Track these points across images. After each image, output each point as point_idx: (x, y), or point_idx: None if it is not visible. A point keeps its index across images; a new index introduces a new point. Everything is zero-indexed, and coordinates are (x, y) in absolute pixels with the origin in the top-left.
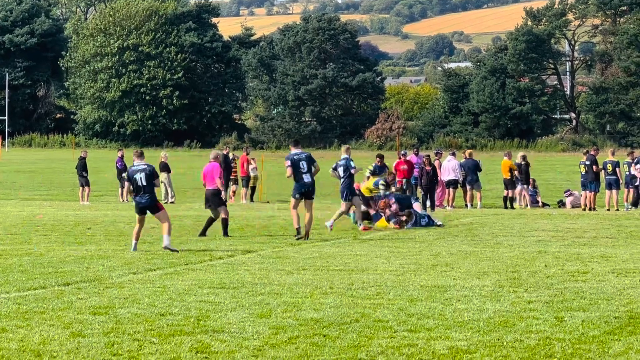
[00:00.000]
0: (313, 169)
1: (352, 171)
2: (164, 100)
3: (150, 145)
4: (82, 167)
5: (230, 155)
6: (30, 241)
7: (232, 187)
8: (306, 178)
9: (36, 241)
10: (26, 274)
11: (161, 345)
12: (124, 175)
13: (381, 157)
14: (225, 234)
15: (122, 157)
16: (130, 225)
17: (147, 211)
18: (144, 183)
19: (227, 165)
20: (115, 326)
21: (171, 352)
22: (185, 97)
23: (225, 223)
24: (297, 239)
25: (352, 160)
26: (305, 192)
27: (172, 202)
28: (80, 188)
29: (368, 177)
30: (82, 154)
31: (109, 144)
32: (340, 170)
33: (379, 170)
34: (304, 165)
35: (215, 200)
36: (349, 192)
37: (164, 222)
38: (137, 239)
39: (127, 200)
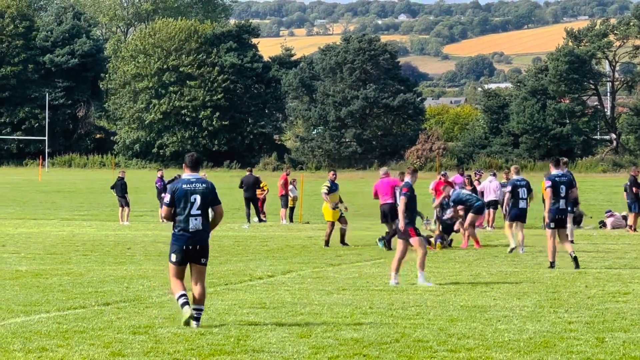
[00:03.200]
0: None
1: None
2: (204, 121)
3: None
4: (121, 187)
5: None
6: (70, 261)
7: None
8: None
9: (76, 261)
10: (66, 294)
11: None
12: (163, 195)
13: (334, 172)
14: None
15: (161, 177)
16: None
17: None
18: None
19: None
20: (155, 345)
21: None
22: (226, 118)
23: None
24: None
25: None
26: None
27: None
28: (120, 208)
29: (327, 194)
30: (120, 174)
31: (149, 165)
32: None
33: (334, 186)
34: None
35: (393, 215)
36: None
37: None
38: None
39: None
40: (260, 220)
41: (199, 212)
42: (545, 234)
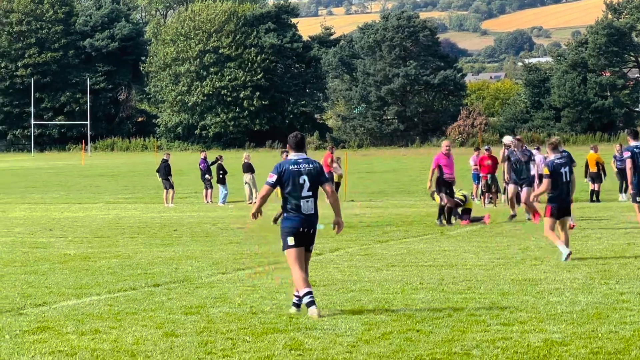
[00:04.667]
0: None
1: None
2: (245, 101)
3: (232, 147)
4: (165, 169)
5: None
6: (118, 244)
7: None
8: None
9: (123, 244)
10: (116, 276)
11: (255, 343)
12: (207, 176)
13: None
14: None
15: (204, 158)
16: (216, 227)
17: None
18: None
19: None
20: (207, 325)
21: (265, 350)
22: (266, 98)
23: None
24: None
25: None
26: None
27: (253, 202)
28: (165, 191)
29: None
30: (165, 156)
31: (191, 147)
32: None
33: None
34: None
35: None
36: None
37: None
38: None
39: (211, 201)
40: None
41: (309, 193)
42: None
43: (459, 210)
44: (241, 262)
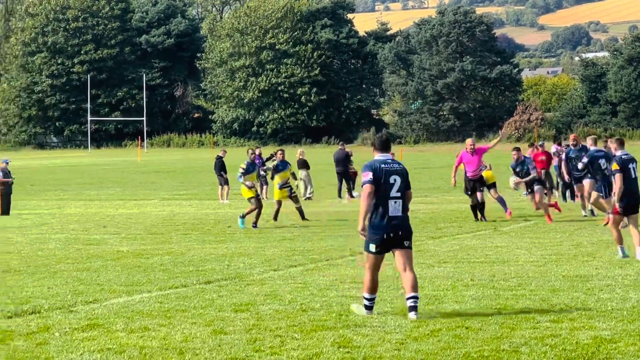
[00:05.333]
0: None
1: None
2: (302, 97)
3: (289, 143)
4: (220, 166)
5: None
6: (171, 240)
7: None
8: None
9: (177, 240)
10: (167, 273)
11: (303, 340)
12: (262, 172)
13: (282, 151)
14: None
15: (259, 154)
16: (270, 223)
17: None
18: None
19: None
20: (257, 323)
21: (313, 347)
22: (323, 94)
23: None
24: None
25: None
26: None
27: (308, 198)
28: (220, 187)
29: (272, 177)
30: (221, 153)
31: (247, 143)
32: None
33: (282, 165)
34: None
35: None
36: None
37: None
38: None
39: (266, 198)
40: (352, 195)
41: (398, 194)
42: None
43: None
44: (293, 258)
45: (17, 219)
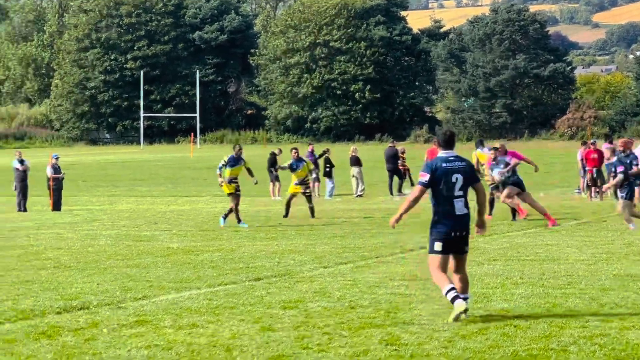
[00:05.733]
0: None
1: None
2: (355, 94)
3: (342, 140)
4: (272, 162)
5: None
6: (222, 237)
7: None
8: None
9: (227, 237)
10: (217, 270)
11: (351, 338)
12: (314, 169)
13: (296, 150)
14: None
15: (312, 151)
16: (321, 220)
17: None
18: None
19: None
20: (305, 320)
21: (361, 345)
22: (377, 91)
23: None
24: None
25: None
26: None
27: (359, 195)
28: (271, 184)
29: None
30: (276, 151)
31: (300, 140)
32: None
33: (296, 164)
34: None
35: None
36: None
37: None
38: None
39: (318, 195)
40: (402, 192)
41: (461, 192)
42: None
43: None
44: (344, 256)
45: (69, 215)
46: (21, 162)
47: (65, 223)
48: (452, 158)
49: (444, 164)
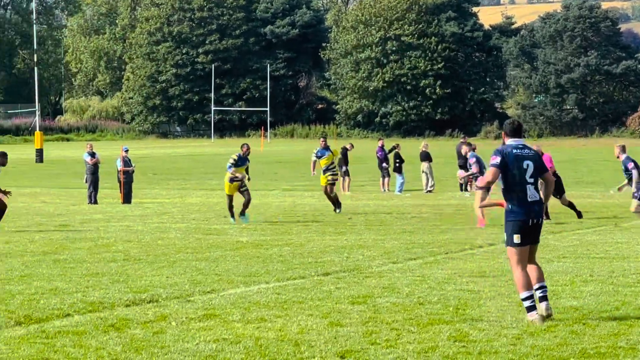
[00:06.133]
0: None
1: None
2: (426, 90)
3: (412, 135)
4: (343, 157)
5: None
6: (291, 231)
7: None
8: None
9: (296, 231)
10: (286, 264)
11: (419, 334)
12: (384, 164)
13: (325, 138)
14: None
15: (382, 146)
16: (391, 215)
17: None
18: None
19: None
20: (373, 315)
21: (429, 341)
22: (447, 87)
23: None
24: None
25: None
26: None
27: (429, 191)
28: (341, 178)
29: (314, 162)
30: (348, 146)
31: (370, 134)
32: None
33: (321, 153)
34: None
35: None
36: None
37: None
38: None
39: (387, 190)
40: (464, 189)
41: (532, 180)
42: None
43: None
44: (413, 251)
45: (139, 208)
46: (92, 154)
47: (135, 216)
48: (521, 146)
49: (514, 150)
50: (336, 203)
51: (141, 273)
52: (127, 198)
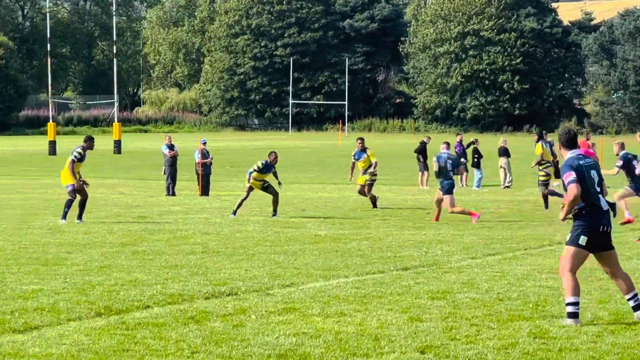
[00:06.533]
0: None
1: None
2: (504, 85)
3: (490, 130)
4: (420, 151)
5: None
6: (369, 225)
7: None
8: None
9: (375, 225)
10: (365, 258)
11: (499, 330)
12: (463, 159)
13: (362, 140)
14: None
15: (460, 141)
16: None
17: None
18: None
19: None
20: (453, 311)
21: (509, 337)
22: (526, 82)
23: None
24: None
25: None
26: None
27: (507, 187)
28: (420, 173)
29: (353, 164)
30: (425, 139)
31: (448, 129)
32: None
33: (358, 155)
34: None
35: None
36: None
37: None
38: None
39: (465, 185)
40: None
41: (599, 188)
42: None
43: None
44: (492, 247)
45: (217, 200)
46: (171, 147)
47: (214, 208)
48: (581, 156)
49: (580, 162)
50: (374, 202)
51: (220, 266)
52: (205, 190)
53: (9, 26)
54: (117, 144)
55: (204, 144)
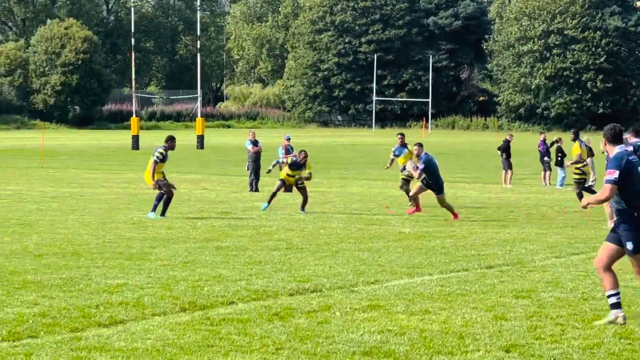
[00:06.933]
0: None
1: None
2: (587, 83)
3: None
4: (504, 149)
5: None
6: (454, 223)
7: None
8: None
9: (459, 223)
10: (449, 256)
11: (584, 330)
12: (546, 158)
13: (402, 135)
14: None
15: (544, 140)
16: (553, 209)
17: None
18: None
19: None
20: (537, 310)
21: (594, 337)
22: (609, 81)
23: None
24: None
25: None
26: None
27: (590, 186)
28: (503, 171)
29: (392, 160)
30: (508, 137)
31: (532, 127)
32: None
33: (399, 151)
34: None
35: None
36: None
37: None
38: None
39: (549, 183)
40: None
41: None
42: None
43: None
44: (576, 246)
45: (300, 196)
46: (255, 143)
47: (297, 204)
48: (628, 152)
49: (629, 157)
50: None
51: (304, 262)
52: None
53: (93, 21)
54: (200, 139)
55: (288, 140)
